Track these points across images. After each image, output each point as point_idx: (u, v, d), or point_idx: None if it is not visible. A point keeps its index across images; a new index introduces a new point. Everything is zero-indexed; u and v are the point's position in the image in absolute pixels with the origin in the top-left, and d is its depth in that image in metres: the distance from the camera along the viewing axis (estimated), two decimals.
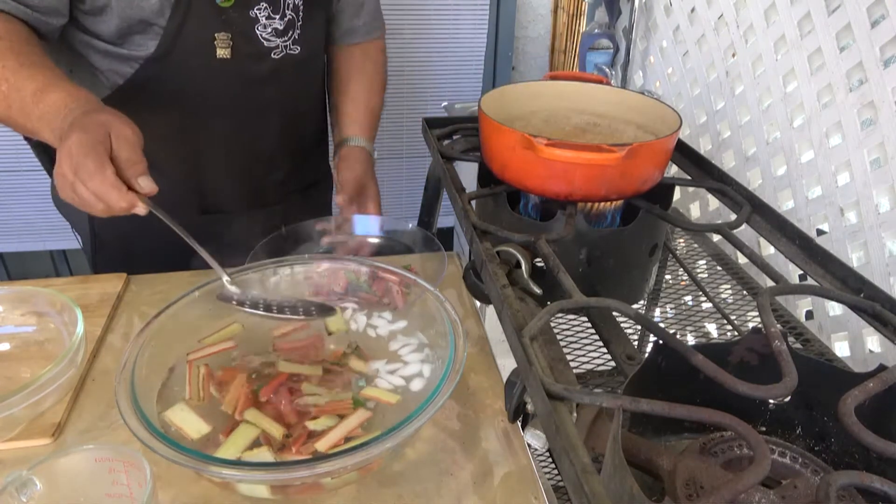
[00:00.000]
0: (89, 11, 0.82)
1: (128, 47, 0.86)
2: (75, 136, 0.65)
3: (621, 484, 0.39)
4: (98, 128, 0.67)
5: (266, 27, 0.91)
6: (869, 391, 0.43)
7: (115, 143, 0.66)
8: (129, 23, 0.83)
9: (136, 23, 0.83)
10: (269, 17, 0.90)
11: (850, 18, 0.89)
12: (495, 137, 0.73)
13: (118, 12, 0.82)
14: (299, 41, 0.96)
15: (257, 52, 0.92)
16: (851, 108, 0.92)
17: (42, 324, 0.77)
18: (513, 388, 0.57)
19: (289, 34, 0.94)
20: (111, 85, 0.89)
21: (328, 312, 0.74)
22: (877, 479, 0.38)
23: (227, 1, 0.86)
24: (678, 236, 1.05)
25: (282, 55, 0.94)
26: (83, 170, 0.65)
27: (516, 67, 2.23)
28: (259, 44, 0.91)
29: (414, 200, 1.16)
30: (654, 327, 0.51)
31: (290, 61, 0.96)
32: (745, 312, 0.93)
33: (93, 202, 0.67)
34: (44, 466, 0.52)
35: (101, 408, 0.71)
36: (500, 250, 0.67)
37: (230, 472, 0.53)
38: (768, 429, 0.54)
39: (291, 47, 0.95)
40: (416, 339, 0.74)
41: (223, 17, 0.87)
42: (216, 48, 0.88)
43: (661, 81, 1.43)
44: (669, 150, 0.74)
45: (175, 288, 0.71)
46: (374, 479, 0.63)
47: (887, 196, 0.88)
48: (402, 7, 2.00)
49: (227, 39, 0.88)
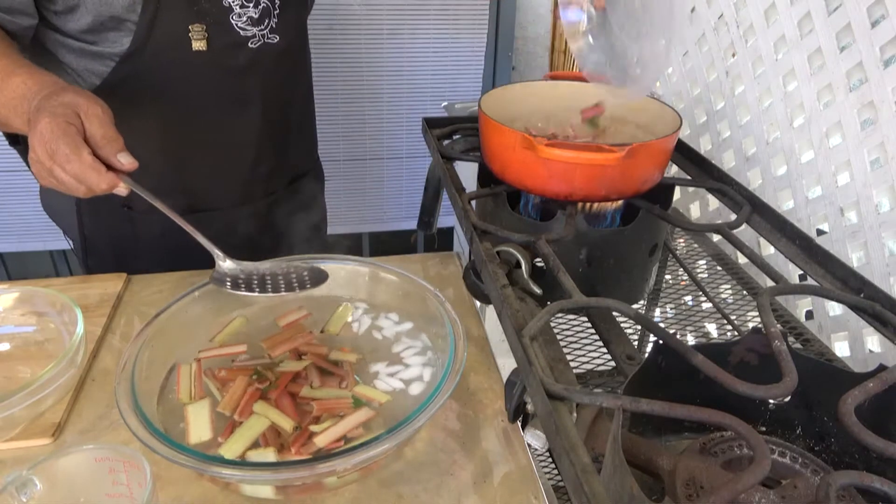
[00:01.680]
0: (61, 11, 0.81)
1: (102, 45, 0.84)
2: (45, 120, 0.64)
3: (621, 484, 0.39)
4: (66, 109, 0.65)
5: (241, 16, 0.89)
6: (869, 391, 0.43)
7: (87, 122, 0.65)
8: (101, 20, 0.82)
9: (107, 19, 0.82)
10: (242, 5, 0.88)
11: (850, 18, 0.89)
12: (495, 137, 0.73)
13: (90, 9, 0.80)
14: (277, 30, 0.94)
15: (234, 42, 0.90)
16: (851, 108, 0.91)
17: (42, 324, 0.77)
18: (513, 388, 0.57)
19: (265, 23, 0.92)
20: (89, 86, 0.88)
21: (320, 277, 0.73)
22: (877, 479, 0.38)
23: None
24: (678, 236, 1.05)
25: (259, 44, 0.92)
26: (59, 154, 0.64)
27: (516, 67, 2.23)
28: (235, 34, 0.90)
29: (414, 200, 1.16)
30: (654, 327, 0.51)
31: (270, 51, 0.94)
32: (745, 312, 0.93)
33: (73, 185, 0.66)
34: (44, 466, 0.52)
35: (101, 408, 0.71)
36: (500, 250, 0.67)
37: (230, 472, 0.53)
38: (768, 429, 0.54)
39: (269, 36, 0.93)
40: (420, 342, 0.74)
41: (196, 8, 0.85)
42: (191, 40, 0.86)
43: (661, 81, 1.43)
44: (669, 150, 0.74)
45: (175, 288, 0.71)
46: (374, 479, 0.63)
47: (887, 196, 0.88)
48: (402, 7, 2.00)
49: (202, 31, 0.86)
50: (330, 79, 1.99)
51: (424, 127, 0.95)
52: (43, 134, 0.64)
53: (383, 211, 2.29)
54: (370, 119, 2.16)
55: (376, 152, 2.22)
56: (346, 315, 0.78)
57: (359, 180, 2.17)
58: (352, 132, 2.12)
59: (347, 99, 2.07)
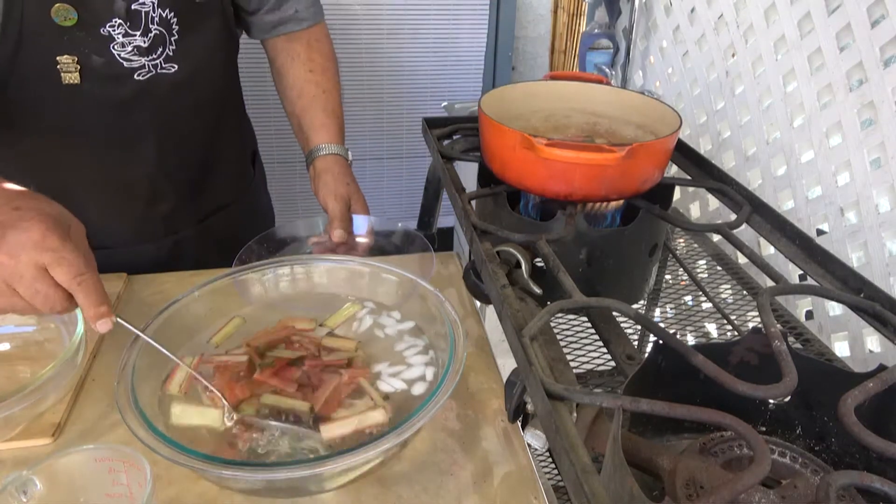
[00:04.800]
0: None
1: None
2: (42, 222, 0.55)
3: (621, 484, 0.39)
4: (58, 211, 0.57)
5: (125, 46, 0.80)
6: (869, 391, 0.43)
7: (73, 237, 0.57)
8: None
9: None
10: (126, 34, 0.79)
11: (850, 18, 0.89)
12: (495, 137, 0.73)
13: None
14: (176, 58, 0.85)
15: (114, 74, 0.81)
16: (851, 108, 0.91)
17: (42, 324, 0.77)
18: (513, 388, 0.57)
19: (158, 52, 0.83)
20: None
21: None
22: (877, 479, 0.38)
23: (67, 20, 0.76)
24: (678, 236, 1.05)
25: (149, 75, 0.84)
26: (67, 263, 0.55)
27: (516, 67, 2.23)
28: (117, 65, 0.81)
29: (414, 200, 1.15)
30: (654, 327, 0.51)
31: (164, 81, 0.85)
32: (745, 312, 0.93)
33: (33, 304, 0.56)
34: (44, 466, 0.52)
35: (101, 408, 0.71)
36: (500, 250, 0.67)
37: (230, 472, 0.53)
38: (768, 429, 0.54)
39: (164, 66, 0.85)
40: (423, 340, 0.74)
41: (66, 38, 0.76)
42: (60, 73, 0.78)
43: (661, 81, 1.43)
44: (669, 150, 0.74)
45: (175, 288, 0.70)
46: (374, 479, 0.63)
47: (887, 196, 0.88)
48: (402, 7, 2.00)
49: (72, 63, 0.77)
50: None
51: (424, 127, 0.95)
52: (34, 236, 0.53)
53: (383, 211, 2.29)
54: (370, 119, 2.16)
55: (376, 152, 2.22)
56: (351, 312, 0.78)
57: (358, 180, 2.16)
58: (351, 132, 2.11)
59: (347, 99, 2.06)
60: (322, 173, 0.96)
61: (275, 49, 1.03)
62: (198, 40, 0.88)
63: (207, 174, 1.00)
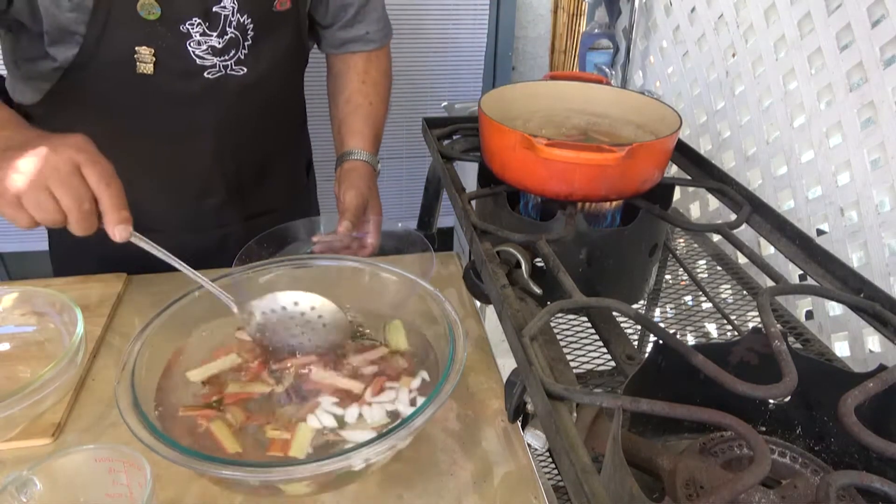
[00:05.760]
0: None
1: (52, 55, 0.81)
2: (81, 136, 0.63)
3: (621, 484, 0.39)
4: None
5: (201, 44, 0.84)
6: (869, 391, 0.43)
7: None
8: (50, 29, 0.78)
9: (55, 30, 0.79)
10: (204, 33, 0.84)
11: (850, 18, 0.89)
12: (495, 137, 0.73)
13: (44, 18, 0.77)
14: (246, 62, 0.89)
15: (185, 70, 0.85)
16: (851, 108, 0.91)
17: (42, 324, 0.77)
18: (513, 388, 0.57)
19: (230, 53, 0.87)
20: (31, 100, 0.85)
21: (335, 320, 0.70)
22: (877, 479, 0.38)
23: (151, 14, 0.80)
24: (678, 236, 1.05)
25: (219, 75, 0.88)
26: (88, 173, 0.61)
27: (516, 67, 2.23)
28: (190, 61, 0.85)
29: (414, 200, 1.15)
30: (654, 327, 0.51)
31: (232, 82, 0.89)
32: (745, 312, 0.93)
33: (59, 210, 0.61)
34: (44, 466, 0.52)
35: (101, 408, 0.71)
36: (500, 250, 0.67)
37: (230, 472, 0.53)
38: (768, 429, 0.54)
39: (234, 68, 0.88)
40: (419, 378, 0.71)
41: (147, 30, 0.81)
42: (136, 62, 0.82)
43: (661, 81, 1.43)
44: (669, 150, 0.74)
45: (175, 288, 0.70)
46: (374, 478, 0.63)
47: (887, 196, 0.88)
48: (402, 7, 2.00)
49: (149, 55, 0.82)
50: None
51: (424, 127, 0.95)
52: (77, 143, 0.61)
53: (383, 211, 2.29)
54: None
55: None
56: (401, 329, 0.76)
57: None
58: None
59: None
60: (348, 172, 0.98)
61: (335, 55, 1.07)
62: (270, 47, 0.91)
63: (261, 177, 1.04)
